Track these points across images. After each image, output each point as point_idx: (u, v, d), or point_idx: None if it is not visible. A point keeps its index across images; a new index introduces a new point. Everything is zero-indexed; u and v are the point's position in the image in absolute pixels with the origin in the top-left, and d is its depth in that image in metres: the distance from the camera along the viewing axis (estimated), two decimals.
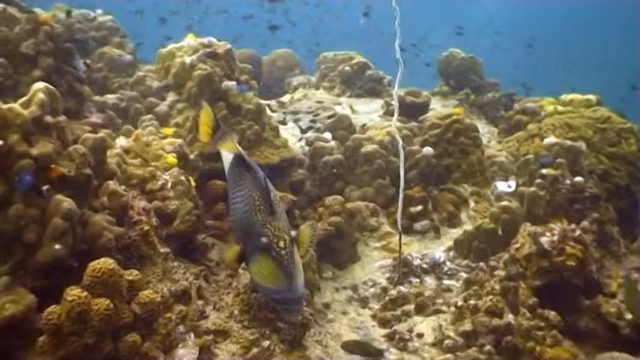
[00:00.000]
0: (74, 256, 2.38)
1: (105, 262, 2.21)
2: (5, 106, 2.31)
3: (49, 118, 2.41)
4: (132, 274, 2.39)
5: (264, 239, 2.30)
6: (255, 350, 2.75)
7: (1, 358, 2.21)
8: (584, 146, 4.27)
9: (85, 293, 2.12)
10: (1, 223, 2.24)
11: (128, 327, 2.27)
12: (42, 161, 2.33)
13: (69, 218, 2.32)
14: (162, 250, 2.91)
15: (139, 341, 2.26)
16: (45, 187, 2.33)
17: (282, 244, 2.28)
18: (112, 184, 2.70)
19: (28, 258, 2.28)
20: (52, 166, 2.37)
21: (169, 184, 3.23)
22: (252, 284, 2.98)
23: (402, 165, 3.91)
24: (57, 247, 2.28)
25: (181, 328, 2.64)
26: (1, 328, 2.13)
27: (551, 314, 3.13)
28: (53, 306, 2.11)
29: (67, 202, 2.33)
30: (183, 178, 3.33)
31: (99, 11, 6.21)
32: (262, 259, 2.29)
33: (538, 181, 3.98)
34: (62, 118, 2.54)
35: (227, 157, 2.81)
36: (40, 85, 2.46)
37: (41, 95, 2.41)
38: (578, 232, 3.34)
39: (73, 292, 2.10)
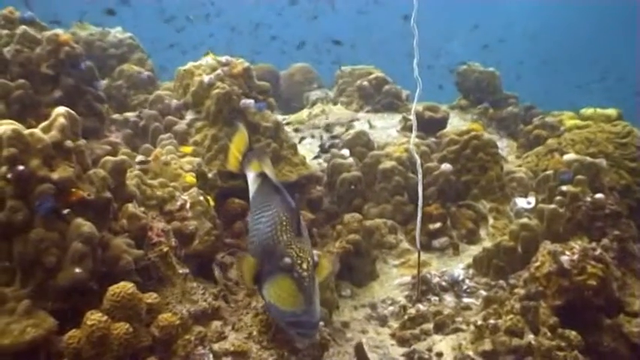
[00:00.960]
0: (94, 278, 2.40)
1: (124, 287, 2.23)
2: (27, 131, 2.34)
3: (69, 143, 2.44)
4: (151, 297, 2.41)
5: (287, 259, 2.21)
6: None
7: None
8: (604, 163, 4.24)
9: (105, 317, 2.14)
10: (22, 246, 2.27)
11: (147, 350, 2.29)
12: (62, 185, 2.36)
13: (89, 242, 2.34)
14: (181, 271, 2.93)
15: None
16: (65, 211, 2.36)
17: (305, 266, 2.20)
18: (131, 207, 2.73)
19: (49, 281, 2.30)
20: (73, 190, 2.40)
21: (188, 205, 3.26)
22: (265, 306, 2.97)
23: (420, 183, 3.90)
24: (77, 270, 2.30)
25: (200, 349, 2.66)
26: (23, 351, 2.16)
27: (572, 334, 3.08)
28: (73, 330, 2.13)
29: (86, 226, 2.35)
30: (201, 198, 3.35)
31: (118, 28, 6.29)
32: (282, 281, 2.21)
33: (558, 198, 3.95)
34: (82, 142, 2.56)
35: (255, 177, 2.80)
36: (61, 109, 2.49)
37: (62, 120, 2.44)
38: (599, 251, 3.30)
39: (93, 317, 2.12)
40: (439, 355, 3.37)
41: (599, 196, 3.87)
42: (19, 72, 3.82)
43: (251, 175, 2.84)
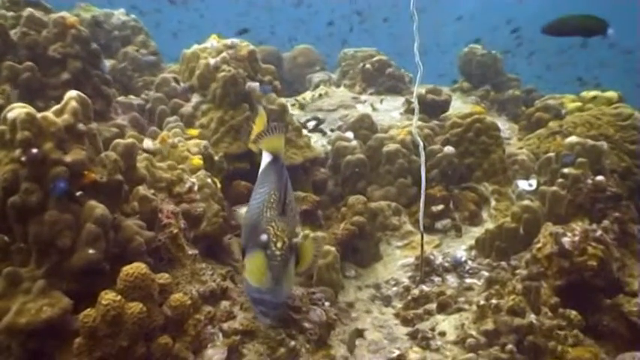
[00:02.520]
0: (107, 260, 2.45)
1: (138, 267, 2.28)
2: (40, 115, 2.38)
3: (81, 126, 2.48)
4: (163, 278, 2.47)
5: (264, 236, 2.24)
6: (282, 350, 2.81)
7: (39, 358, 2.29)
8: (605, 145, 4.27)
9: (120, 297, 2.19)
10: (36, 228, 2.32)
11: (160, 329, 2.35)
12: (75, 168, 2.40)
13: (102, 223, 2.39)
14: (190, 252, 2.99)
15: (171, 343, 2.33)
16: (78, 194, 2.41)
17: (279, 245, 2.21)
18: (142, 189, 2.77)
19: (63, 262, 2.35)
20: (85, 172, 2.44)
21: (196, 187, 3.30)
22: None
23: (423, 165, 3.94)
24: (91, 251, 2.35)
25: (210, 328, 2.72)
26: (39, 330, 2.22)
27: (573, 314, 3.14)
28: (88, 309, 2.18)
29: (99, 208, 2.40)
30: (209, 180, 3.39)
31: (121, 10, 6.30)
32: (256, 255, 2.21)
33: (560, 180, 3.99)
34: (94, 125, 2.60)
35: (267, 157, 2.84)
36: (73, 93, 2.53)
37: (74, 103, 2.48)
38: (599, 233, 3.35)
39: (108, 297, 2.17)
40: (442, 334, 3.42)
41: (599, 178, 3.91)
42: (26, 55, 3.85)
43: (265, 153, 2.87)
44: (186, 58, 4.82)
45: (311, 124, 5.93)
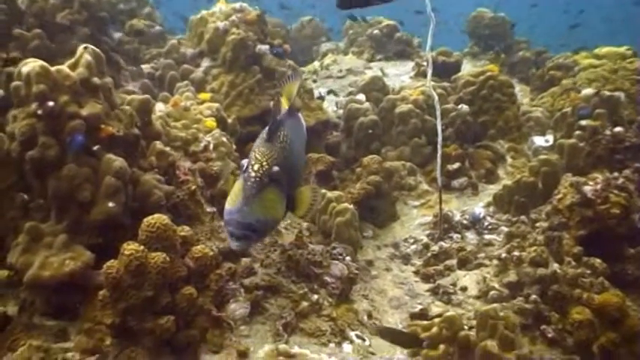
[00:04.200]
0: (127, 213, 2.42)
1: (159, 218, 2.25)
2: (54, 68, 2.34)
3: (96, 80, 2.44)
4: (184, 230, 2.44)
5: (244, 160, 2.19)
6: (304, 304, 2.79)
7: (63, 313, 2.28)
8: (622, 96, 4.21)
9: (142, 247, 2.16)
10: (55, 183, 2.29)
11: (183, 281, 2.32)
12: (92, 121, 2.37)
13: (121, 176, 2.37)
14: (208, 210, 2.96)
15: (195, 293, 2.30)
16: (95, 147, 2.38)
17: (256, 167, 2.13)
18: (159, 144, 2.74)
19: (83, 216, 2.33)
20: (102, 126, 2.41)
21: (211, 146, 3.27)
22: None
23: (438, 120, 3.88)
24: (110, 204, 2.33)
25: (231, 284, 2.70)
26: (63, 283, 2.20)
27: (597, 261, 3.09)
28: (112, 261, 2.16)
29: (118, 161, 2.37)
30: (224, 139, 3.36)
31: None
32: (238, 181, 2.16)
33: (577, 132, 3.93)
34: (108, 79, 2.57)
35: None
36: (86, 46, 2.49)
37: (87, 57, 2.44)
38: (621, 180, 3.30)
39: (130, 247, 2.14)
40: (464, 289, 3.40)
41: (618, 129, 3.86)
42: (34, 23, 3.81)
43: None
44: (194, 24, 4.77)
45: (323, 91, 5.89)
